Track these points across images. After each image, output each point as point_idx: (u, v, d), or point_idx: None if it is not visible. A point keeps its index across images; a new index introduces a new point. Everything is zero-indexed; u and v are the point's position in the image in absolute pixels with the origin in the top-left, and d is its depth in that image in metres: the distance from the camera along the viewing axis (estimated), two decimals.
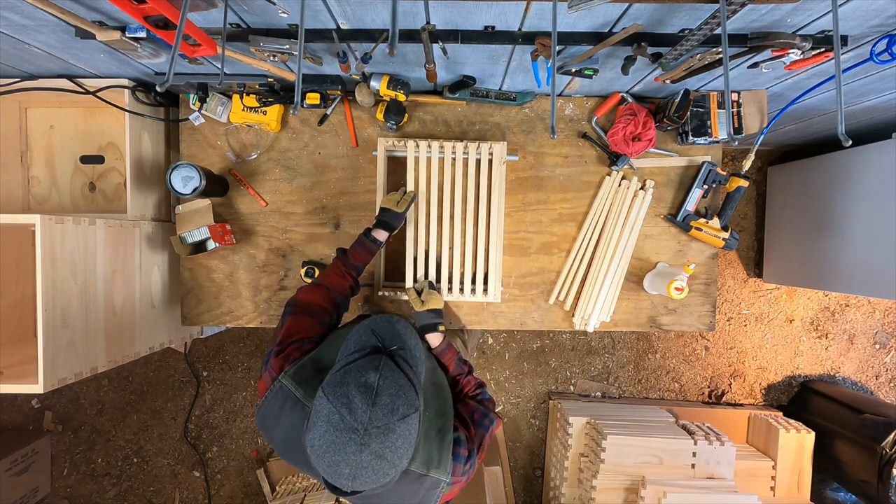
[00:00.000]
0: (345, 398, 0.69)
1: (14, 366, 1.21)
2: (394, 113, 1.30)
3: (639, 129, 1.30)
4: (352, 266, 1.15)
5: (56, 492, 2.36)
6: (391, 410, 0.69)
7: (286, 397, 0.86)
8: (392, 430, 0.69)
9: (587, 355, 2.40)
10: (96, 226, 1.19)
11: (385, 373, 0.72)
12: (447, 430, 0.89)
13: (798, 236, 2.03)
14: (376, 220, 1.20)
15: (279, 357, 0.91)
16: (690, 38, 0.91)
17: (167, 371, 2.37)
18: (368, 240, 1.16)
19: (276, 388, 0.87)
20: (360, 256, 1.16)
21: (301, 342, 0.95)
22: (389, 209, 1.20)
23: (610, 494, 1.86)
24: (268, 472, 2.34)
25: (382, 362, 0.73)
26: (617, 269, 1.38)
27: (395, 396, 0.70)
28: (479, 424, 0.99)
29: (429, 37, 0.97)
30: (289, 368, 0.89)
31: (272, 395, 0.87)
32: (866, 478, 1.90)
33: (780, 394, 2.40)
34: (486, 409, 1.04)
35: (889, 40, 0.96)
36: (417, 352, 0.82)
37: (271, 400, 0.87)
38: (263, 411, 0.88)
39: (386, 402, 0.69)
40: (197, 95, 1.31)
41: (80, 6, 0.91)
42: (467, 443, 0.92)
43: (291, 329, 0.98)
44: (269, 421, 0.88)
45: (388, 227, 1.19)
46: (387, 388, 0.70)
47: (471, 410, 1.02)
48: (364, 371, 0.72)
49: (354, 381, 0.70)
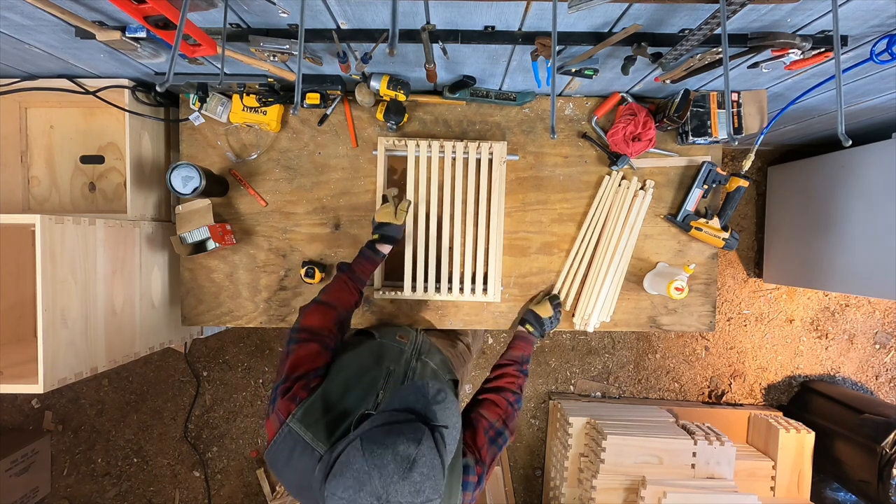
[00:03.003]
0: (380, 460, 0.68)
1: (14, 366, 1.21)
2: (394, 113, 1.30)
3: (639, 129, 1.30)
4: (358, 279, 1.15)
5: (56, 492, 2.36)
6: (418, 491, 0.68)
7: (295, 442, 0.85)
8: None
9: (587, 355, 2.40)
10: (96, 226, 1.19)
11: (424, 449, 0.70)
12: (457, 459, 0.88)
13: (798, 236, 2.03)
14: (378, 234, 1.19)
15: (286, 398, 0.90)
16: (690, 38, 0.91)
17: (167, 371, 2.37)
18: (372, 252, 1.17)
19: (284, 433, 0.86)
20: (365, 269, 1.17)
21: (307, 377, 0.94)
22: (390, 223, 1.19)
23: (610, 494, 1.86)
24: (268, 472, 2.34)
25: (425, 436, 0.72)
26: (617, 269, 1.38)
27: (426, 478, 0.69)
28: (492, 442, 0.98)
29: (429, 37, 0.97)
30: (296, 410, 0.87)
31: (281, 439, 0.87)
32: (866, 478, 1.90)
33: (780, 394, 2.40)
34: (504, 426, 1.02)
35: (889, 40, 0.96)
36: (455, 431, 0.80)
37: (280, 445, 0.87)
38: (273, 455, 0.88)
39: (416, 481, 0.68)
40: (197, 95, 1.31)
41: (80, 6, 0.91)
42: (476, 466, 0.91)
43: (297, 360, 0.96)
44: (279, 465, 0.87)
45: (392, 241, 1.20)
46: (421, 466, 0.69)
47: (488, 425, 1.00)
48: (406, 439, 0.70)
49: (393, 448, 0.69)
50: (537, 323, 1.28)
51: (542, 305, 1.32)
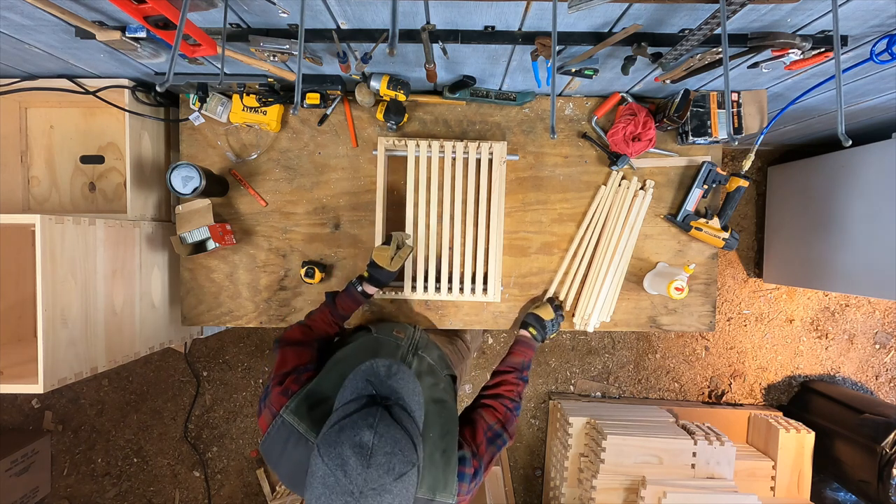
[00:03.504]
0: (339, 459, 0.67)
1: (14, 366, 1.21)
2: (394, 113, 1.30)
3: (639, 129, 1.30)
4: (339, 316, 1.17)
5: (56, 492, 2.36)
6: (387, 471, 0.67)
7: (289, 433, 0.86)
8: (388, 491, 0.67)
9: (587, 355, 2.40)
10: (96, 226, 1.19)
11: (380, 430, 0.69)
12: (451, 450, 0.89)
13: (798, 236, 2.03)
14: (368, 273, 1.18)
15: (278, 391, 0.91)
16: (690, 38, 0.91)
17: (167, 371, 2.37)
18: (357, 292, 1.18)
19: (277, 425, 0.87)
20: (347, 307, 1.18)
21: (296, 372, 0.96)
22: (382, 268, 1.16)
23: (610, 494, 1.86)
24: (268, 472, 2.34)
25: (378, 416, 0.71)
26: (617, 269, 1.38)
27: (391, 455, 0.68)
28: (490, 442, 0.98)
29: (429, 37, 0.97)
30: (289, 402, 0.89)
31: (275, 431, 0.87)
32: (866, 478, 1.90)
33: (780, 394, 2.40)
34: (502, 429, 1.03)
35: (889, 40, 0.96)
36: (416, 396, 0.80)
37: (274, 436, 0.87)
38: (267, 447, 0.88)
39: (381, 462, 0.67)
40: (197, 95, 1.31)
41: (80, 6, 0.91)
42: (472, 459, 0.91)
43: (283, 359, 0.99)
44: (273, 457, 0.88)
45: (379, 285, 1.19)
46: (382, 446, 0.68)
47: (486, 426, 1.01)
48: (359, 429, 0.70)
49: (349, 441, 0.68)
50: (539, 325, 1.27)
51: (543, 308, 1.32)
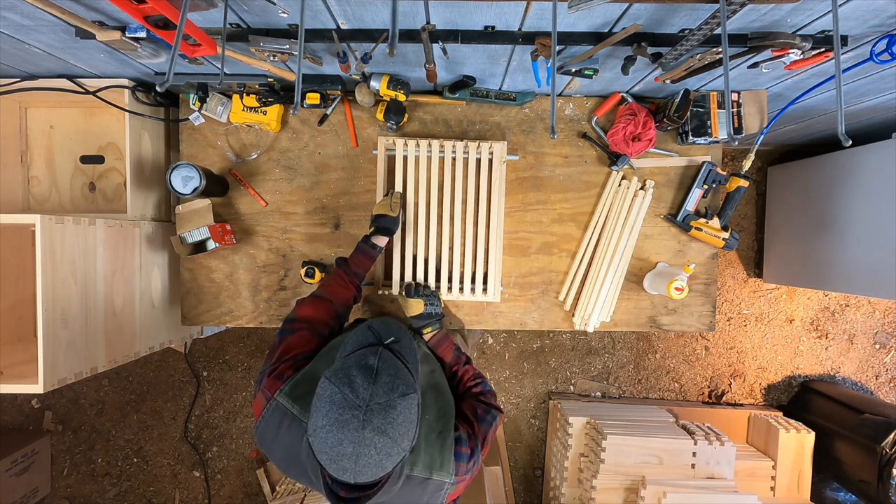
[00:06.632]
0: (346, 378, 0.71)
1: (14, 366, 1.21)
2: (394, 113, 1.30)
3: (639, 129, 1.30)
4: (354, 274, 1.15)
5: (56, 492, 2.36)
6: (391, 388, 0.71)
7: (283, 415, 0.87)
8: (393, 407, 0.70)
9: (587, 355, 2.40)
10: (96, 226, 1.19)
11: (384, 356, 0.75)
12: (448, 431, 0.90)
13: (798, 236, 2.03)
14: (374, 227, 1.20)
15: (272, 376, 0.91)
16: (690, 38, 0.91)
17: (167, 371, 2.37)
18: (368, 246, 1.17)
19: (272, 407, 0.88)
20: (361, 264, 1.17)
21: (295, 359, 0.96)
22: (386, 215, 1.21)
23: (610, 494, 1.86)
24: (268, 471, 2.34)
25: (380, 351, 0.76)
26: (617, 268, 1.38)
27: (395, 377, 0.73)
28: (482, 420, 1.00)
29: (429, 37, 0.97)
30: (283, 386, 0.89)
31: (269, 413, 0.88)
32: (866, 478, 1.90)
33: (780, 394, 2.40)
34: (488, 405, 1.04)
35: (889, 40, 0.96)
36: (412, 348, 0.84)
37: (268, 419, 0.88)
38: (261, 431, 0.89)
39: (386, 381, 0.71)
40: (197, 95, 1.31)
41: (80, 6, 0.91)
42: (469, 440, 0.92)
43: (288, 345, 0.98)
44: (267, 439, 0.88)
45: (388, 233, 1.21)
46: (386, 369, 0.73)
47: (473, 407, 1.03)
48: (364, 356, 0.74)
49: (355, 365, 0.73)
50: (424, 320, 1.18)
51: (410, 306, 1.21)
